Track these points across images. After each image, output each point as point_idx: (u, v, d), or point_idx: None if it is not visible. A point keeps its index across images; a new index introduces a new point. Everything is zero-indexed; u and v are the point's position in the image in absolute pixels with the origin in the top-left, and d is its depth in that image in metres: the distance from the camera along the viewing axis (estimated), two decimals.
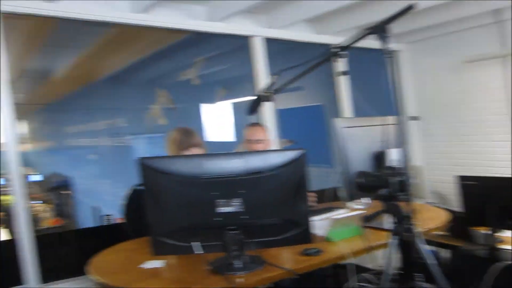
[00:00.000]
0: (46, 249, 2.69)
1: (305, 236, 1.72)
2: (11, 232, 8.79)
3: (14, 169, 2.63)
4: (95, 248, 2.04)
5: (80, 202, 10.13)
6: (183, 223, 1.67)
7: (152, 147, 7.34)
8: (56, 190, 10.57)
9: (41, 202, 10.03)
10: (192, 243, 1.64)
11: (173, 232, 1.66)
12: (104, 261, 1.88)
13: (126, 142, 8.19)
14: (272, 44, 3.83)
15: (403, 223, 1.57)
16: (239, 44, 4.53)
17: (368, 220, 2.10)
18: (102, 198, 8.85)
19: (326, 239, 1.99)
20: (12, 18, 4.67)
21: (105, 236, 3.17)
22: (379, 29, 1.63)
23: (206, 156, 1.96)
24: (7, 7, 2.67)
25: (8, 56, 2.68)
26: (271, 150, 2.71)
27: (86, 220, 9.73)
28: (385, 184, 1.62)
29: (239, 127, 5.80)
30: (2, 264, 2.67)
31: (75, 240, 3.11)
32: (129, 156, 7.91)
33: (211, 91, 6.70)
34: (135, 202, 2.56)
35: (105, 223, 7.94)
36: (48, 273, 2.66)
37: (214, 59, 6.08)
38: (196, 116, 6.90)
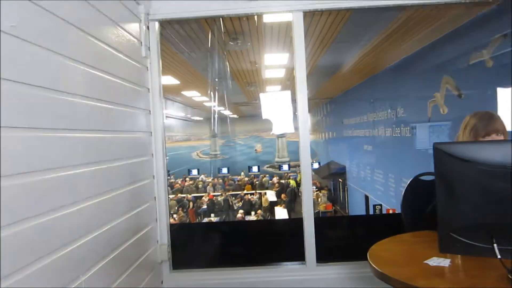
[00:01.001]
0: (319, 232, 2.81)
1: None
2: (288, 213, 9.95)
3: (304, 157, 2.82)
4: (365, 236, 1.98)
5: (352, 190, 10.59)
6: (482, 220, 1.40)
7: (433, 137, 6.88)
8: (331, 177, 11.41)
9: (316, 187, 11.02)
10: (495, 245, 1.37)
11: (467, 229, 1.42)
12: (384, 251, 1.78)
13: (404, 133, 7.99)
14: None
15: None
16: None
17: None
18: (373, 187, 8.96)
19: None
20: (310, 15, 5.20)
21: (375, 225, 3.11)
22: None
23: None
24: (310, 5, 2.80)
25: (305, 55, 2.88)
26: None
27: (356, 207, 10.11)
28: None
29: None
30: (280, 240, 2.96)
31: (346, 225, 3.17)
32: (404, 147, 7.69)
33: (508, 73, 5.71)
34: (414, 192, 2.39)
35: (375, 212, 7.98)
36: (320, 254, 2.78)
37: None
38: (487, 103, 6.04)
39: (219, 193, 10.99)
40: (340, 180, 11.05)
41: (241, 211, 10.01)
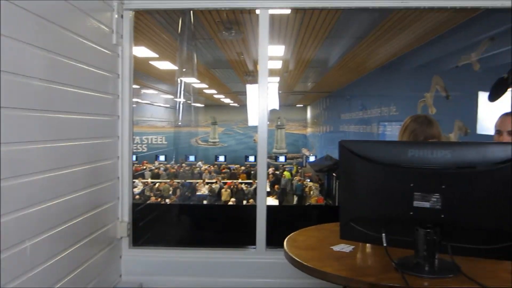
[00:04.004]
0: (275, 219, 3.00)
1: None
2: (280, 203, 10.13)
3: (261, 150, 2.98)
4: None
5: None
6: (374, 211, 1.54)
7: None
8: (325, 171, 11.53)
9: (310, 180, 11.18)
10: (383, 235, 1.51)
11: (363, 219, 1.56)
12: (303, 236, 1.94)
13: (396, 131, 8.06)
14: None
15: None
16: None
17: None
18: None
19: None
20: (301, 12, 5.32)
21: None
22: None
23: (411, 144, 1.74)
24: (276, 4, 2.98)
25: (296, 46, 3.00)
26: (490, 143, 2.15)
27: None
28: None
29: None
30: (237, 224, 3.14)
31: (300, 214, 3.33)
32: None
33: (494, 77, 5.76)
34: None
35: None
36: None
37: (501, 38, 5.18)
38: (471, 106, 6.11)
39: (214, 181, 11.19)
40: (334, 174, 11.17)
41: (233, 199, 10.21)
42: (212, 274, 2.91)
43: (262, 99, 2.96)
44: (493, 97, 1.91)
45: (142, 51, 7.22)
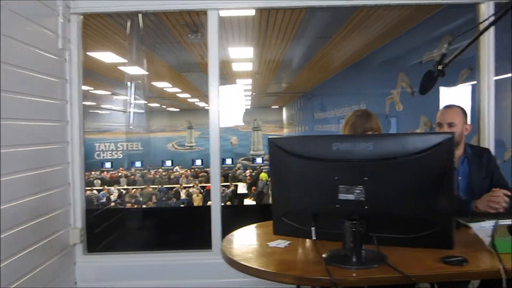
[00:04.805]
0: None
1: (443, 239, 1.35)
2: (257, 203, 10.08)
3: (214, 150, 3.07)
4: None
5: None
6: (303, 206, 1.55)
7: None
8: None
9: None
10: (313, 228, 1.52)
11: (293, 214, 1.57)
12: (245, 233, 1.95)
13: None
14: None
15: None
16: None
17: None
18: None
19: (492, 248, 1.49)
20: (265, 13, 5.34)
21: None
22: None
23: (335, 137, 1.76)
24: (224, 5, 3.00)
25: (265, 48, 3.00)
26: (410, 134, 2.20)
27: None
28: None
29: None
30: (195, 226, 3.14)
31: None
32: None
33: (454, 72, 5.89)
34: None
35: None
36: None
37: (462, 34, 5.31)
38: (435, 101, 6.23)
39: (191, 185, 11.12)
40: None
41: (209, 202, 10.14)
42: (167, 276, 2.89)
43: (213, 101, 2.97)
44: (422, 90, 1.96)
45: (109, 57, 7.14)
